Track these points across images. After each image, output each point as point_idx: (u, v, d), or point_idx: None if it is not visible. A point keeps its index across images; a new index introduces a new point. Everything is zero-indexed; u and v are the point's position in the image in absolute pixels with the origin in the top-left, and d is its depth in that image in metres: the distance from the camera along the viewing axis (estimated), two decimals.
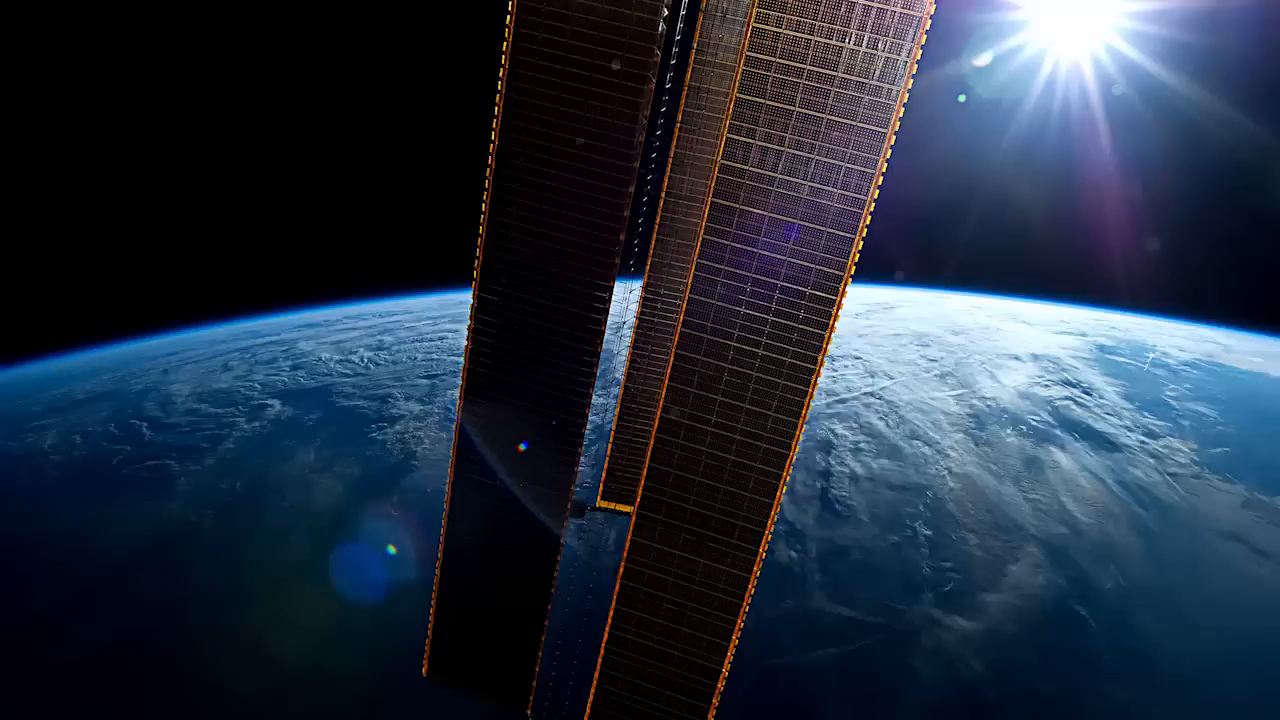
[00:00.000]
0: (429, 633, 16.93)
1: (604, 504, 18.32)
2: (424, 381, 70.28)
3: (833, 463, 57.70)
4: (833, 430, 61.70)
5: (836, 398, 66.95)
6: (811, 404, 12.69)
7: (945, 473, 56.74)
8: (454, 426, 15.19)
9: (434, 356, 76.21)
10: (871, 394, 68.39)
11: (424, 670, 17.19)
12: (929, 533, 50.35)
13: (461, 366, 14.80)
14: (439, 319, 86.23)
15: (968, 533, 50.38)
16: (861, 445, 60.01)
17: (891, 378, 71.87)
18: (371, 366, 74.09)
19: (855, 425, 62.67)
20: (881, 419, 63.93)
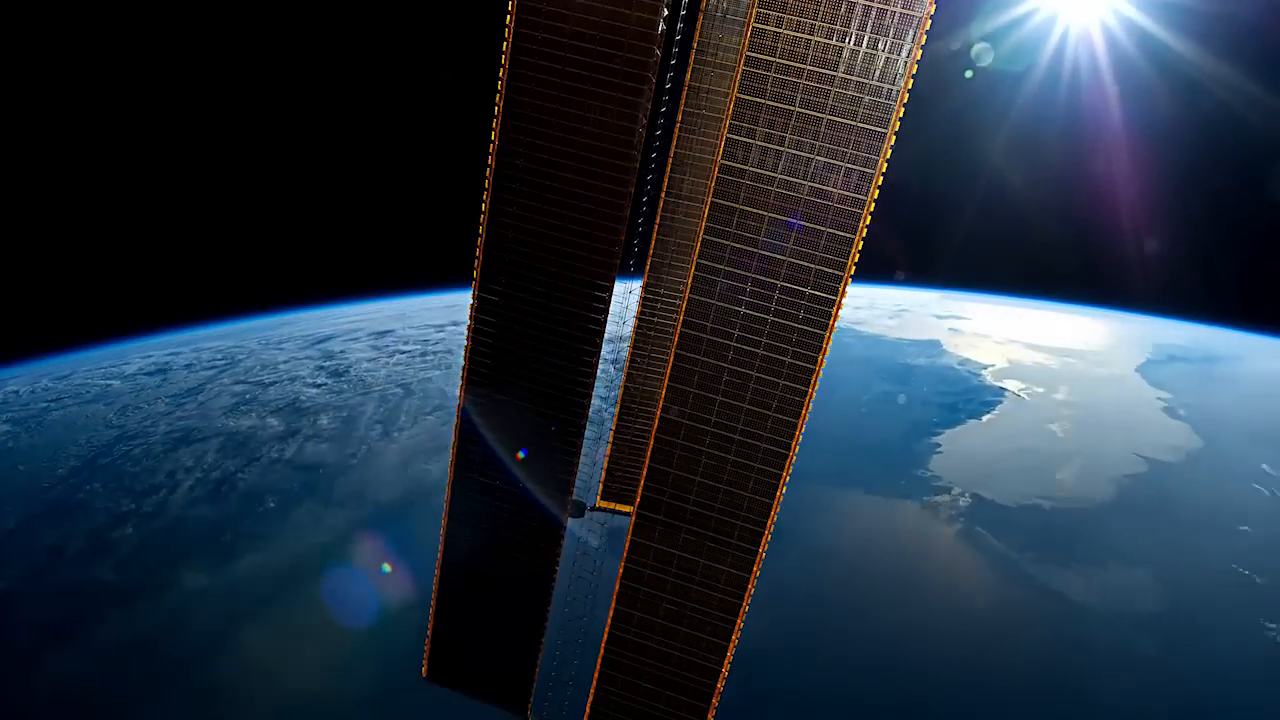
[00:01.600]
0: (428, 633, 16.92)
1: (603, 504, 18.31)
2: (42, 405, 72.91)
3: None
4: None
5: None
6: (811, 404, 12.69)
7: None
8: (454, 427, 15.18)
9: (90, 380, 78.41)
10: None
11: (423, 671, 17.18)
12: None
13: (461, 367, 14.79)
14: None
15: None
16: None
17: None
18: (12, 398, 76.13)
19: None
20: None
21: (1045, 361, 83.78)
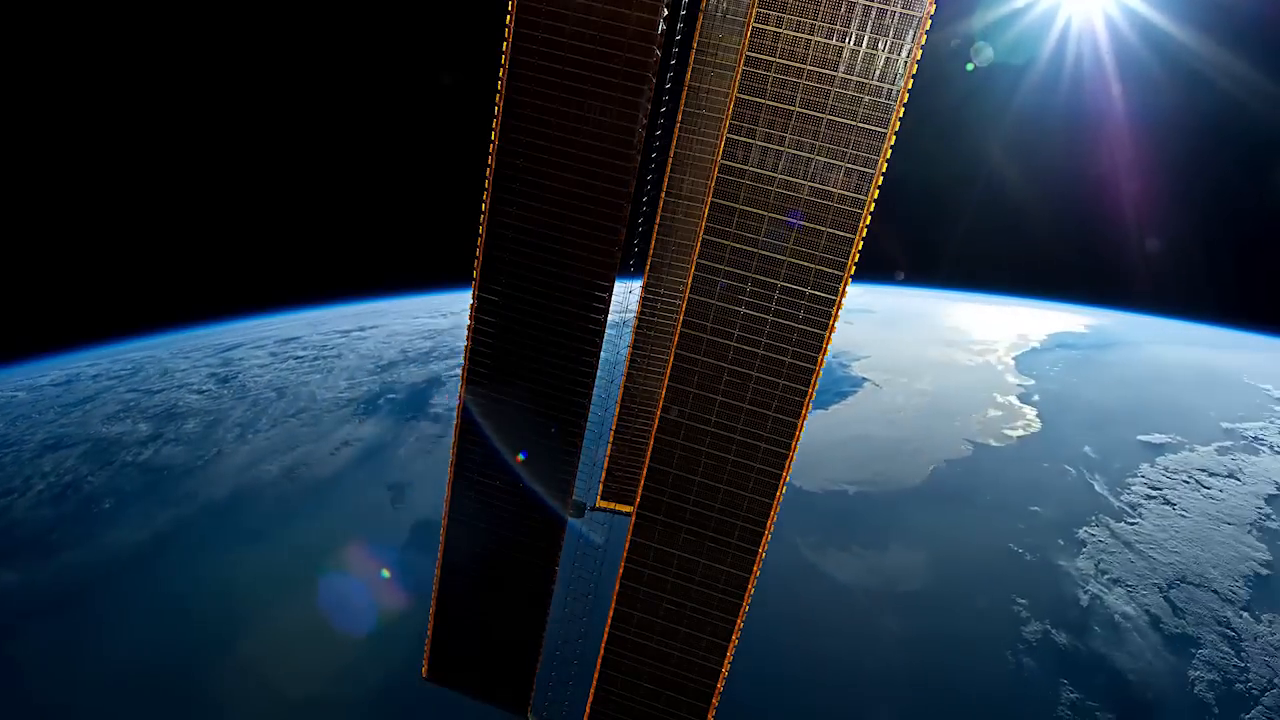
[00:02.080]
0: (429, 633, 16.91)
1: (604, 504, 18.31)
2: None
3: None
4: None
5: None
6: (811, 404, 12.69)
7: None
8: (454, 427, 15.18)
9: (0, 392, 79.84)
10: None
11: (424, 671, 17.18)
12: None
13: (462, 367, 14.79)
14: None
15: None
16: None
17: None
18: None
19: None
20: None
21: (923, 351, 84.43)
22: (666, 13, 12.08)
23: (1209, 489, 54.72)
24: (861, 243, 11.77)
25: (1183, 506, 52.83)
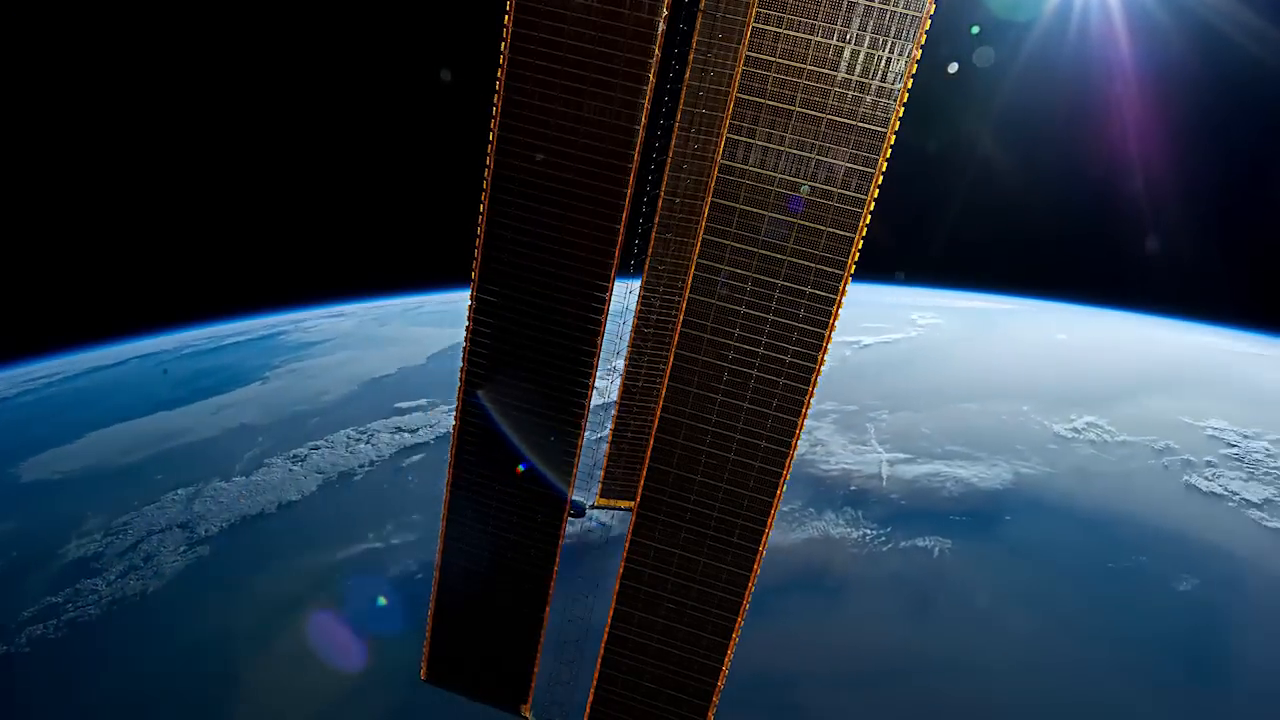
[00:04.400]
0: (427, 635, 16.89)
1: (603, 502, 18.33)
2: None
3: None
4: None
5: None
6: (811, 403, 12.71)
7: None
8: (453, 427, 15.17)
9: None
10: None
11: (422, 673, 17.16)
12: None
13: (460, 367, 14.79)
14: None
15: None
16: None
17: None
18: None
19: None
20: None
21: None
22: (666, 12, 12.09)
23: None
24: (862, 242, 11.80)
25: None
